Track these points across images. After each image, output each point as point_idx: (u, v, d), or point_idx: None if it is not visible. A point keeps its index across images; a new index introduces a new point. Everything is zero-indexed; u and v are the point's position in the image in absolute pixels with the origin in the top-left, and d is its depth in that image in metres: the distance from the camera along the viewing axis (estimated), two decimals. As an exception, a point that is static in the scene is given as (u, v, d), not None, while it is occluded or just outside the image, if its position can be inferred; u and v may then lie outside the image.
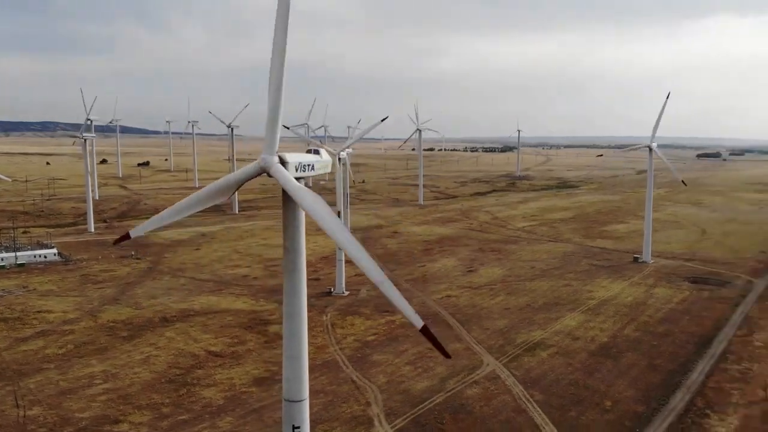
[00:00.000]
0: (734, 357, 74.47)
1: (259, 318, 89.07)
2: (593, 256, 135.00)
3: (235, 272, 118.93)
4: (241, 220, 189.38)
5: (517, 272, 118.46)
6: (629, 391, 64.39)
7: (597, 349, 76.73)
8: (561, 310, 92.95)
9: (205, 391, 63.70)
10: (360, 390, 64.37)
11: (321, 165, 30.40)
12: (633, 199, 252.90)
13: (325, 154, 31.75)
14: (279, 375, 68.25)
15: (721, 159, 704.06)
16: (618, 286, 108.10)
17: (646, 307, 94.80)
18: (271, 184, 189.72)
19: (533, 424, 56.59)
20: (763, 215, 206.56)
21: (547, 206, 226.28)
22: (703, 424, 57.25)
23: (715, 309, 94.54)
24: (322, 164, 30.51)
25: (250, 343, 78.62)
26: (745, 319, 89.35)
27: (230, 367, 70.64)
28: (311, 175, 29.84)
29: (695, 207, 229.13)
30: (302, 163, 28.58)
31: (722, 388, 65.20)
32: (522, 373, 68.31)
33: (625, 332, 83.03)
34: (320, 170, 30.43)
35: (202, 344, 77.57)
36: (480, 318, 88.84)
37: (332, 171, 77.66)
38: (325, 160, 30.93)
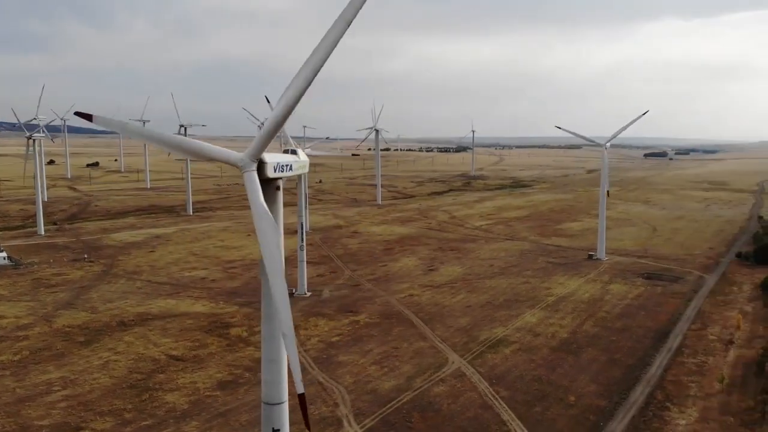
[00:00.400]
0: (690, 351, 76.85)
1: (220, 321, 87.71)
2: (549, 253, 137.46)
3: (192, 275, 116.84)
4: (195, 221, 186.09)
5: (476, 270, 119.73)
6: (591, 385, 65.80)
7: (558, 345, 78.17)
8: (521, 307, 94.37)
9: (168, 395, 62.42)
10: (327, 391, 64.06)
11: (299, 165, 30.11)
12: (584, 198, 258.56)
13: (302, 155, 31.48)
14: (243, 378, 67.93)
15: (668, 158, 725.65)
16: (575, 282, 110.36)
17: (603, 303, 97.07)
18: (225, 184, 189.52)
19: (500, 420, 57.29)
20: (710, 213, 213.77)
21: (503, 205, 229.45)
22: (664, 416, 58.91)
23: (669, 304, 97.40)
24: (299, 164, 30.23)
25: (211, 347, 77.35)
26: (698, 314, 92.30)
27: (193, 371, 69.38)
28: (289, 176, 29.50)
29: (645, 205, 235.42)
30: (280, 163, 28.25)
31: (680, 381, 67.22)
32: (487, 370, 69.09)
33: (584, 328, 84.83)
34: (298, 170, 30.14)
35: (162, 348, 75.96)
36: (443, 316, 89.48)
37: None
38: (302, 160, 30.67)
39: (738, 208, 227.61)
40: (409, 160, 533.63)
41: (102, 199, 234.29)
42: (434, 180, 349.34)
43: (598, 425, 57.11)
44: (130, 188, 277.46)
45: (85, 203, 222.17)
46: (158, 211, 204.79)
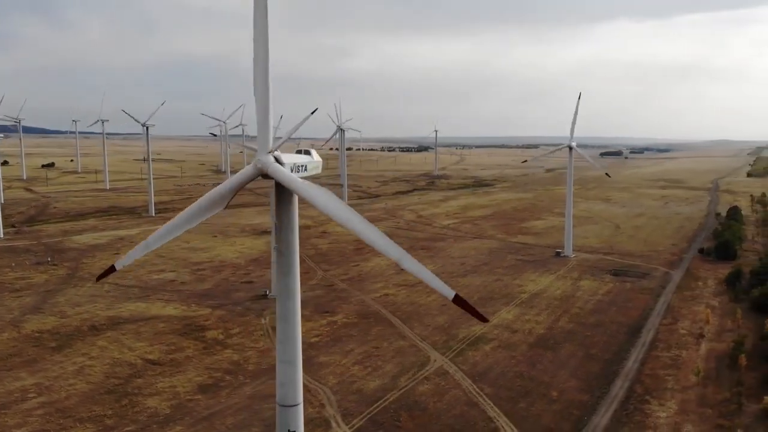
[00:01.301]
0: (663, 345, 78.73)
1: (194, 324, 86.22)
2: (517, 251, 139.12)
3: (160, 277, 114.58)
4: (159, 222, 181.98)
5: (448, 269, 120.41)
6: (572, 381, 66.83)
7: (536, 341, 79.19)
8: (496, 304, 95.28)
9: (149, 400, 61.10)
10: (311, 392, 63.55)
11: (313, 165, 29.83)
12: (545, 197, 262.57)
13: (315, 155, 31.12)
14: (224, 381, 66.95)
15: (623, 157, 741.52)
16: (546, 279, 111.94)
17: (576, 299, 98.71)
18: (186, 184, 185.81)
19: (486, 417, 57.74)
20: (669, 210, 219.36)
21: (468, 204, 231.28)
22: (644, 409, 60.21)
23: (639, 299, 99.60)
24: (313, 165, 29.95)
25: (188, 350, 75.99)
26: (667, 309, 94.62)
27: (171, 375, 68.05)
28: (304, 176, 29.14)
29: (605, 203, 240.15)
30: (297, 164, 27.95)
31: (657, 375, 68.79)
32: (469, 368, 69.54)
33: (559, 324, 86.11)
34: (312, 171, 29.84)
35: (137, 353, 74.29)
36: (420, 315, 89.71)
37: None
38: (316, 160, 30.38)
39: (695, 205, 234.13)
40: (372, 160, 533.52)
41: (60, 200, 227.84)
42: (398, 179, 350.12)
43: (582, 420, 58.05)
44: (88, 189, 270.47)
45: (44, 205, 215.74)
46: (119, 213, 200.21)
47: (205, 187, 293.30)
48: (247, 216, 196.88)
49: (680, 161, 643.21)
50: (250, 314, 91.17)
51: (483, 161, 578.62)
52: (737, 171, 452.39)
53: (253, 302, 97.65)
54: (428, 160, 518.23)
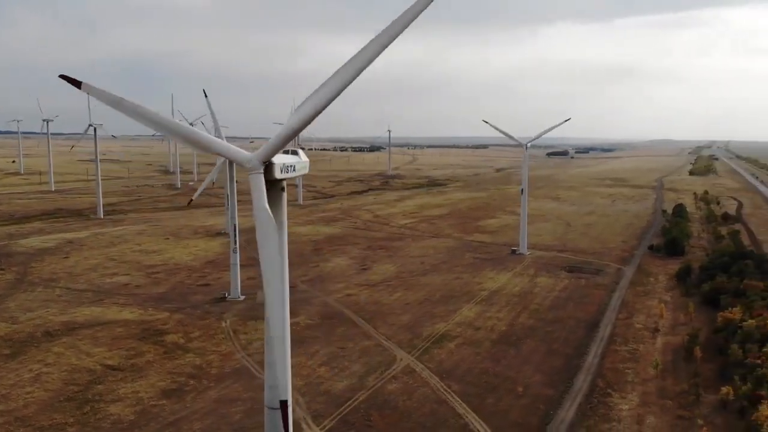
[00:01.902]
0: (621, 339, 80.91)
1: (153, 328, 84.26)
2: (474, 249, 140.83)
3: (114, 281, 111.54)
4: (108, 225, 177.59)
5: (409, 268, 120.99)
6: (536, 376, 68.03)
7: (498, 337, 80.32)
8: (457, 302, 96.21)
9: (111, 407, 59.41)
10: (278, 394, 62.83)
11: (301, 166, 29.51)
12: (497, 196, 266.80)
13: (303, 155, 30.77)
14: (188, 386, 65.74)
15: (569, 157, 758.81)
16: (504, 277, 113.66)
17: (534, 296, 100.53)
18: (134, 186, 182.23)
19: (456, 414, 58.26)
20: (617, 208, 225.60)
21: (423, 203, 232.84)
22: (608, 402, 61.76)
23: (595, 295, 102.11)
24: (301, 165, 29.63)
25: (148, 355, 74.21)
26: (622, 304, 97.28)
27: (132, 380, 66.35)
28: (292, 176, 28.83)
29: (555, 202, 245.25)
30: (286, 164, 27.62)
31: (617, 369, 70.66)
32: (435, 365, 70.03)
33: (520, 320, 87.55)
34: (300, 171, 29.53)
35: (96, 358, 72.16)
36: (383, 314, 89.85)
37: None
38: (303, 161, 30.05)
39: (642, 203, 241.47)
40: (325, 160, 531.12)
41: (3, 202, 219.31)
42: (353, 179, 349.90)
43: (548, 414, 59.16)
44: (32, 191, 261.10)
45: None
46: (66, 215, 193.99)
47: (153, 187, 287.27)
48: (200, 217, 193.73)
49: (624, 160, 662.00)
50: (210, 317, 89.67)
51: (435, 161, 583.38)
52: (679, 170, 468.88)
53: (212, 305, 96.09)
54: (381, 160, 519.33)
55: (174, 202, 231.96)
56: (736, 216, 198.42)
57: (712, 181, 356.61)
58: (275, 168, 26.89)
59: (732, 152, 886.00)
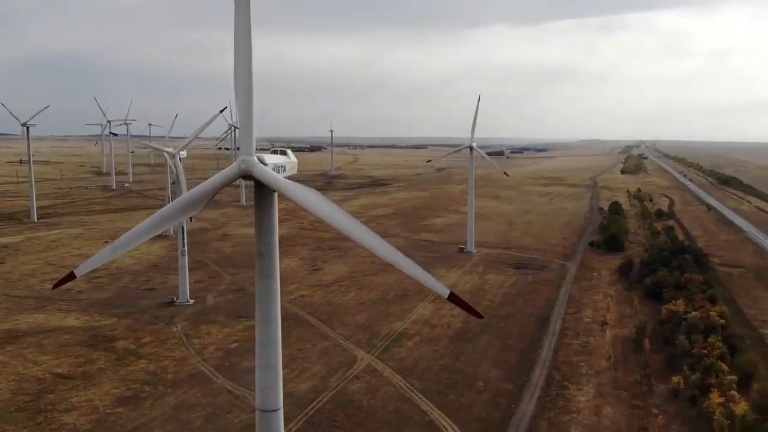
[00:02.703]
0: (572, 333, 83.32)
1: (101, 334, 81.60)
2: (423, 248, 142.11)
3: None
4: (43, 229, 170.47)
5: (360, 268, 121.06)
6: (494, 371, 69.34)
7: (455, 334, 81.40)
8: (411, 300, 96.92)
9: (66, 416, 57.26)
10: (240, 399, 62.01)
11: (290, 166, 29.28)
12: (440, 195, 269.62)
13: (291, 155, 30.45)
14: (144, 392, 64.07)
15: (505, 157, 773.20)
16: (454, 275, 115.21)
17: (485, 293, 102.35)
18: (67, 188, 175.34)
19: (420, 411, 58.80)
20: (555, 206, 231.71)
21: (368, 203, 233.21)
22: (565, 395, 63.55)
23: (542, 291, 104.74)
24: (291, 165, 29.41)
25: (99, 362, 71.82)
26: (570, 299, 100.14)
27: (85, 388, 64.11)
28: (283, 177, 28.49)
29: (495, 200, 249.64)
30: (277, 164, 27.37)
31: (571, 362, 72.76)
32: (396, 364, 70.42)
33: (474, 317, 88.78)
34: (290, 171, 29.26)
35: (44, 367, 69.34)
36: (339, 315, 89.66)
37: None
38: (292, 160, 29.77)
39: (578, 201, 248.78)
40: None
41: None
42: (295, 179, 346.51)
43: (510, 408, 60.43)
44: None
45: None
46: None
47: (88, 189, 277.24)
48: (138, 220, 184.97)
49: (558, 160, 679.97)
50: (160, 322, 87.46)
51: (377, 161, 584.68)
52: (611, 168, 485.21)
53: (160, 310, 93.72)
54: (323, 160, 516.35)
55: (110, 204, 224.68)
56: (669, 212, 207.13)
57: (643, 179, 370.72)
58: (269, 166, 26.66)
59: (660, 151, 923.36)
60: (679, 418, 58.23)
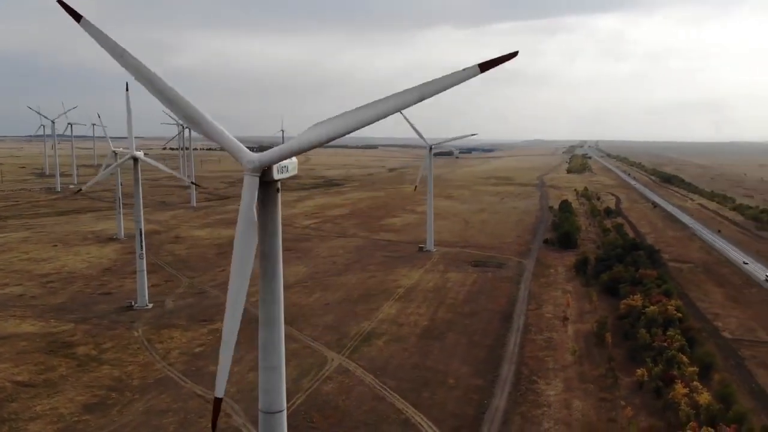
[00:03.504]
0: (535, 328, 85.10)
1: (60, 341, 79.15)
2: (383, 248, 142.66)
3: (6, 292, 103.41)
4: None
5: (321, 268, 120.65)
6: (464, 367, 70.28)
7: (422, 332, 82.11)
8: (377, 300, 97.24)
9: (31, 425, 55.45)
10: (211, 403, 60.90)
11: (292, 166, 29.08)
12: (394, 195, 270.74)
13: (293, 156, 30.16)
14: (111, 399, 62.68)
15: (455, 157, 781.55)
16: (416, 274, 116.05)
17: (448, 291, 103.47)
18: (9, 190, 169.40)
19: (396, 409, 59.16)
20: (506, 205, 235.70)
21: (323, 204, 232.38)
22: (535, 389, 64.94)
23: (503, 288, 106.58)
24: (293, 166, 29.19)
25: (60, 369, 69.67)
26: (530, 295, 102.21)
27: (48, 396, 62.12)
28: (286, 177, 28.35)
29: (449, 200, 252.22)
30: (281, 165, 27.23)
31: (537, 357, 74.34)
32: (367, 363, 70.58)
33: (439, 315, 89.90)
34: (292, 172, 29.07)
35: (3, 375, 66.85)
36: (305, 316, 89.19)
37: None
38: (294, 161, 29.58)
39: (528, 200, 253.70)
40: (212, 160, 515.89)
41: None
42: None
43: (483, 403, 61.38)
44: None
45: None
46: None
47: (31, 191, 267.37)
48: (86, 222, 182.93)
49: (505, 160, 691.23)
50: (120, 327, 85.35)
51: (328, 161, 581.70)
52: (557, 168, 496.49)
53: (118, 314, 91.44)
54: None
55: (56, 207, 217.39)
56: (616, 210, 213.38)
57: (589, 178, 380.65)
58: (273, 169, 26.52)
59: (602, 151, 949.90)
60: (645, 409, 60.26)
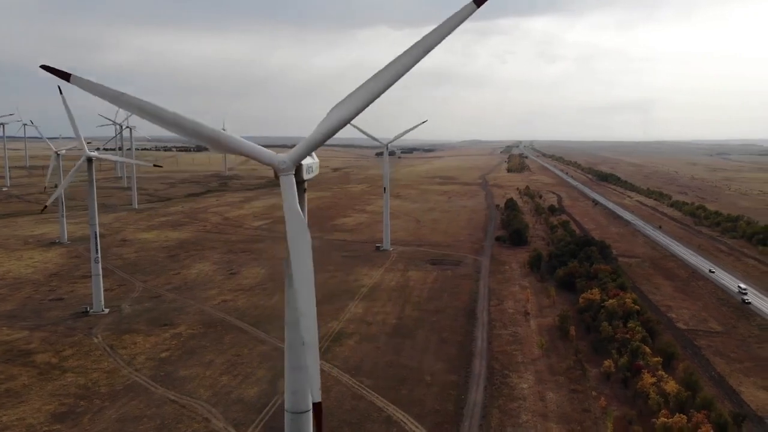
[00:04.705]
0: (500, 324, 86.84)
1: (16, 349, 75.99)
2: (340, 248, 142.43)
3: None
4: None
5: (279, 270, 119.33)
6: (438, 364, 71.14)
7: (391, 330, 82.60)
8: (341, 300, 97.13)
9: (-1, 440, 53.00)
10: (187, 408, 59.89)
11: (316, 167, 28.84)
12: (342, 195, 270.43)
13: (315, 156, 29.89)
14: (80, 407, 60.98)
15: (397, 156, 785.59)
16: (377, 273, 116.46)
17: (411, 289, 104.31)
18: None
19: (377, 407, 59.45)
20: (455, 204, 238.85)
21: (272, 204, 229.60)
22: (508, 383, 66.35)
23: (463, 285, 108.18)
24: (316, 166, 28.96)
25: (21, 378, 66.91)
26: (490, 291, 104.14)
27: (13, 406, 59.66)
28: (310, 178, 28.12)
29: (398, 199, 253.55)
30: (307, 165, 27.04)
31: (506, 351, 75.93)
32: (341, 363, 70.54)
33: (406, 313, 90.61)
34: (315, 171, 28.86)
35: (-41, 388, 63.58)
36: (269, 318, 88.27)
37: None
38: (316, 161, 29.32)
39: (475, 199, 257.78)
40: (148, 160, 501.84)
41: None
42: (187, 181, 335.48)
43: (460, 398, 62.34)
44: None
45: None
46: None
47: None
48: (25, 226, 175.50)
49: (446, 160, 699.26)
50: (78, 333, 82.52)
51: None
52: (497, 167, 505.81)
53: (74, 320, 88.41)
54: (213, 160, 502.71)
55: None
56: (560, 208, 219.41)
57: (529, 177, 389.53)
58: (303, 169, 26.36)
59: (538, 150, 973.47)
60: (616, 398, 62.50)
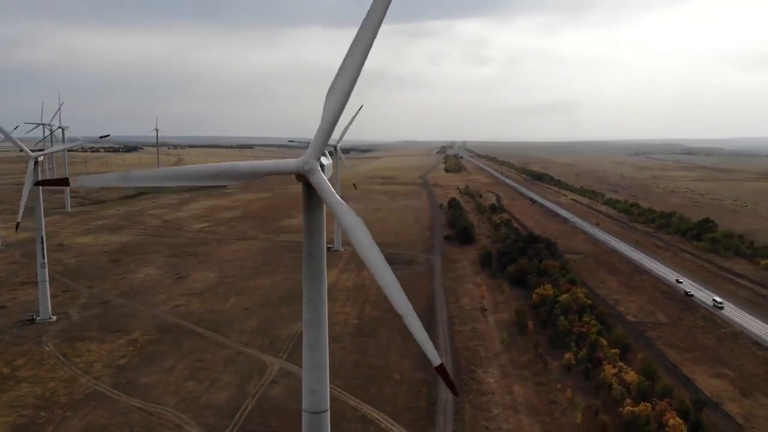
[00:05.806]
0: (459, 320, 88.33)
1: (-38, 359, 72.20)
2: (289, 249, 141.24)
3: None
4: None
5: (230, 273, 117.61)
6: (405, 362, 71.79)
7: (354, 330, 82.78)
8: (299, 301, 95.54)
9: (-42, 457, 50.32)
10: (155, 415, 58.43)
11: (329, 167, 28.86)
12: (284, 196, 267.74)
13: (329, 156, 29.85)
14: (41, 418, 58.96)
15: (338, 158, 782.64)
16: (332, 273, 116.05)
17: (368, 289, 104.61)
18: None
19: (350, 407, 59.63)
20: (399, 204, 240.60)
21: (212, 206, 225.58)
22: (476, 378, 67.70)
23: (420, 284, 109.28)
24: (330, 166, 28.98)
25: (-30, 391, 63.64)
26: (446, 289, 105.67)
27: (-33, 422, 56.61)
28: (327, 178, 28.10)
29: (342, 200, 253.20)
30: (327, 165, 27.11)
31: (469, 347, 77.37)
32: (308, 365, 70.12)
33: (366, 312, 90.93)
34: (329, 173, 28.91)
35: None
36: (228, 322, 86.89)
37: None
38: (330, 161, 29.35)
39: (418, 199, 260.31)
40: (77, 162, 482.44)
41: None
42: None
43: (431, 395, 63.19)
44: None
45: None
46: None
47: None
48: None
49: (384, 160, 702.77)
50: (27, 342, 79.16)
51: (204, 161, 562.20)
52: (435, 167, 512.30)
53: (20, 329, 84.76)
54: (143, 161, 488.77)
55: None
56: (500, 207, 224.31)
57: (466, 177, 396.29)
58: (326, 169, 26.43)
59: (471, 151, 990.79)
60: (579, 390, 64.69)
